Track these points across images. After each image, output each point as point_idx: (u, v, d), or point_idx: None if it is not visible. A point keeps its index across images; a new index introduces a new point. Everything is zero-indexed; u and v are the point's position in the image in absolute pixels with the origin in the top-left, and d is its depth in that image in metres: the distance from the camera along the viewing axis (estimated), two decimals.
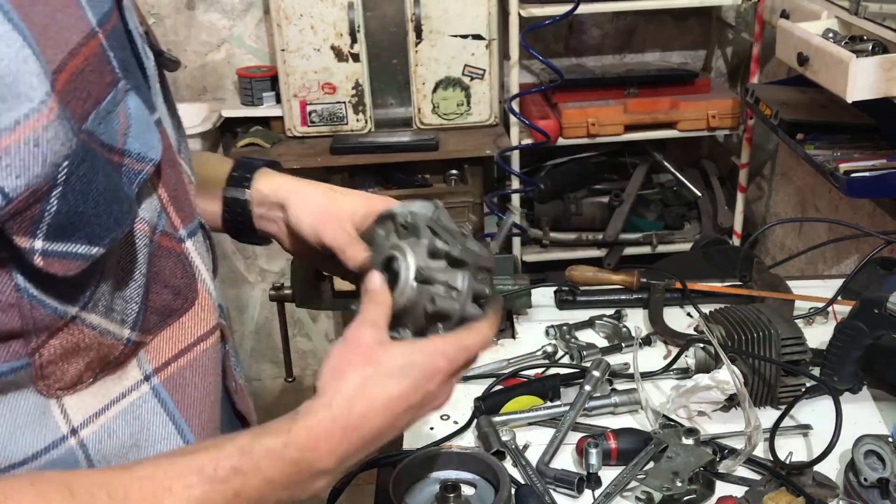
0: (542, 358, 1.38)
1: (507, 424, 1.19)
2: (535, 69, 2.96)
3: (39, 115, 0.51)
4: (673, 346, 1.39)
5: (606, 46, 3.01)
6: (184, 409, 0.69)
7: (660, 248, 2.78)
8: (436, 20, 2.57)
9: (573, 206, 2.78)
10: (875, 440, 1.03)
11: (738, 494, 1.06)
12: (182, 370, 0.69)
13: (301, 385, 3.27)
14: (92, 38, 0.58)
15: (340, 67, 2.61)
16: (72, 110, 0.54)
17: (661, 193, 2.93)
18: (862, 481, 1.03)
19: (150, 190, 0.64)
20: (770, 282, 1.49)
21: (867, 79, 1.64)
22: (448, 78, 2.65)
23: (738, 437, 1.15)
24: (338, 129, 2.69)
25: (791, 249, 2.60)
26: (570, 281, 1.52)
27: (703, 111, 2.65)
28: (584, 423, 1.21)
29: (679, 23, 2.99)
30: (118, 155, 0.59)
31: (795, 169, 2.56)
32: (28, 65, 0.51)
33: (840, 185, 1.80)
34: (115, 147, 0.58)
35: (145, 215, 0.64)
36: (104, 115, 0.57)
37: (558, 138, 2.64)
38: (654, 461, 1.10)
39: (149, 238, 0.64)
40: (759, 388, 1.22)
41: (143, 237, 0.63)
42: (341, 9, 2.54)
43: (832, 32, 1.84)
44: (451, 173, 2.77)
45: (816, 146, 1.97)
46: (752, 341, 1.22)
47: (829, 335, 1.26)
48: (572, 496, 1.08)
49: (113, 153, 0.58)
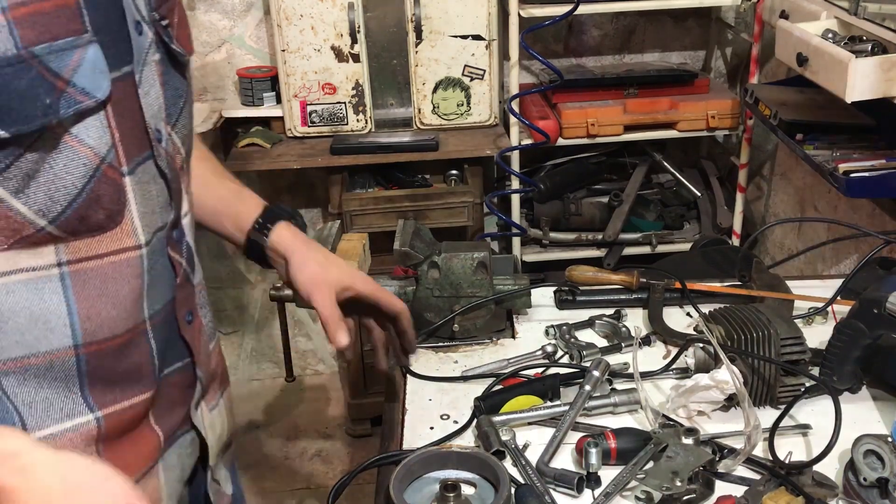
0: (542, 358, 1.38)
1: (506, 424, 1.20)
2: (534, 69, 2.96)
3: None
4: (672, 345, 1.39)
5: (606, 47, 3.01)
6: (80, 300, 0.81)
7: (659, 248, 2.78)
8: (436, 20, 2.58)
9: (573, 206, 2.79)
10: (874, 440, 1.04)
11: (738, 494, 1.07)
12: (92, 270, 0.81)
13: (301, 385, 3.28)
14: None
15: (340, 68, 2.61)
16: (22, 33, 0.71)
17: (661, 193, 2.93)
18: (861, 481, 1.03)
19: (102, 126, 0.78)
20: (769, 282, 1.49)
21: (866, 79, 1.64)
22: (448, 78, 2.65)
23: (738, 437, 1.15)
24: (338, 129, 2.69)
25: (790, 249, 2.60)
26: (570, 281, 1.52)
27: (702, 111, 2.66)
28: (584, 423, 1.21)
29: (678, 23, 3.00)
30: (63, 82, 0.74)
31: (795, 169, 2.56)
32: None
33: (839, 186, 1.80)
34: (62, 76, 0.74)
35: (90, 143, 0.77)
36: (57, 50, 0.73)
37: (558, 138, 2.64)
38: (654, 461, 1.10)
39: (93, 163, 0.78)
40: (758, 388, 1.22)
41: (81, 157, 0.77)
42: (341, 9, 2.54)
43: (831, 33, 1.85)
44: (451, 173, 2.77)
45: (816, 146, 1.97)
46: (751, 341, 1.22)
47: (828, 335, 1.27)
48: (572, 496, 1.08)
49: (58, 79, 0.73)
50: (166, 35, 0.89)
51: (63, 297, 0.80)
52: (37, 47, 0.72)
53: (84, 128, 0.77)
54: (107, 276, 0.82)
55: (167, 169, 0.88)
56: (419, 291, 1.41)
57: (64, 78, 0.74)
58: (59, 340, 0.81)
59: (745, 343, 1.22)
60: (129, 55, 0.82)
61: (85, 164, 0.77)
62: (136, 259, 0.84)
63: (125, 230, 0.83)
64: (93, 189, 0.78)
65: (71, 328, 0.81)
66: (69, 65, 0.74)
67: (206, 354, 0.99)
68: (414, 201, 2.64)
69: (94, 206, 0.79)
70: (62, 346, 0.81)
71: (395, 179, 2.77)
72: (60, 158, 0.76)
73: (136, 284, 0.85)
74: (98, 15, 0.77)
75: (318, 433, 3.01)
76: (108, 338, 0.84)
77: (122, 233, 0.82)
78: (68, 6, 0.74)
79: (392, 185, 2.77)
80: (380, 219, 2.62)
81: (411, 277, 1.43)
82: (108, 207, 0.80)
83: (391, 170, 2.75)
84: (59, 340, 0.81)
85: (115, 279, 0.83)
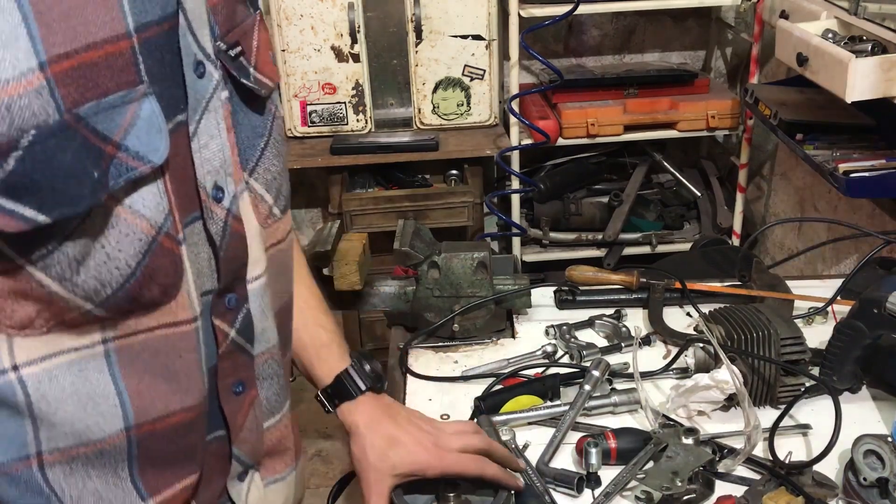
0: (542, 358, 1.38)
1: (507, 424, 1.19)
2: (534, 69, 2.96)
3: (17, 85, 0.57)
4: (672, 345, 1.39)
5: (606, 47, 3.01)
6: (128, 377, 0.71)
7: (659, 247, 2.78)
8: (436, 20, 2.58)
9: (573, 206, 2.79)
10: (874, 440, 1.03)
11: (738, 494, 1.06)
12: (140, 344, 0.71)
13: (301, 385, 3.27)
14: (122, 40, 0.62)
15: (340, 68, 2.61)
16: (65, 92, 0.59)
17: (661, 193, 2.94)
18: (861, 481, 1.03)
19: (160, 193, 0.67)
20: (769, 282, 1.49)
21: (866, 79, 1.64)
22: (448, 78, 2.65)
23: (738, 437, 1.15)
24: (338, 129, 2.70)
25: (790, 249, 2.60)
26: (570, 281, 1.52)
27: (702, 111, 2.66)
28: (584, 423, 1.21)
29: (678, 23, 3.00)
30: (112, 147, 0.63)
31: (795, 169, 2.56)
32: (19, 40, 0.57)
33: (839, 186, 1.80)
34: (111, 139, 0.62)
35: (146, 213, 0.66)
36: (106, 108, 0.62)
37: (558, 138, 2.64)
38: (654, 461, 1.10)
39: (149, 236, 0.67)
40: (758, 388, 1.22)
41: (137, 231, 0.66)
42: (341, 9, 2.54)
43: (831, 33, 1.85)
44: (451, 173, 2.77)
45: (816, 146, 1.97)
46: (751, 341, 1.22)
47: (828, 335, 1.26)
48: (572, 496, 1.08)
49: (106, 143, 0.62)
50: (237, 68, 0.75)
51: (109, 376, 0.70)
52: (82, 108, 0.60)
53: (139, 197, 0.66)
54: (157, 351, 0.72)
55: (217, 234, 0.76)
56: (419, 291, 1.41)
57: (113, 141, 0.63)
58: (110, 424, 0.72)
59: (745, 343, 1.22)
60: (183, 102, 0.70)
61: (140, 239, 0.66)
62: (190, 333, 0.74)
63: (180, 303, 0.72)
64: (148, 265, 0.68)
65: (122, 408, 0.72)
66: (120, 125, 0.63)
67: (253, 431, 0.87)
68: (414, 201, 2.64)
69: (148, 283, 0.69)
70: (113, 430, 0.72)
71: (395, 179, 2.77)
72: (112, 236, 0.65)
73: (191, 359, 0.75)
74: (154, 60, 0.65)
75: (318, 433, 3.01)
76: (162, 416, 0.74)
77: (177, 306, 0.72)
78: (122, 53, 0.62)
79: (392, 185, 2.77)
80: (380, 219, 2.62)
81: (411, 277, 1.43)
82: (163, 282, 0.70)
83: (391, 170, 2.75)
84: (109, 425, 0.72)
85: (167, 353, 0.73)
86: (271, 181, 0.82)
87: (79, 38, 0.60)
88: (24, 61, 0.57)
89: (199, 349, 0.76)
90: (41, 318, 0.66)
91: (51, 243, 0.62)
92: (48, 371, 0.68)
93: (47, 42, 0.58)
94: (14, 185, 0.58)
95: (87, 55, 0.60)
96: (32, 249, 0.62)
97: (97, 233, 0.64)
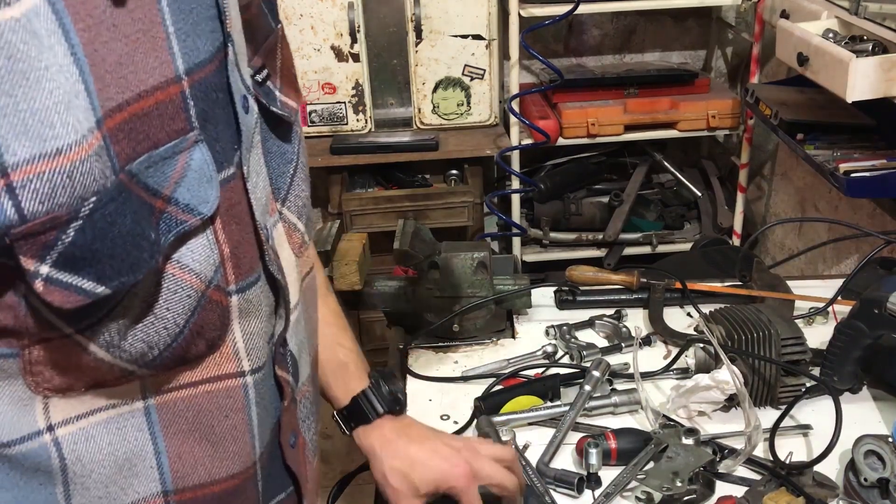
0: (542, 358, 1.38)
1: (507, 424, 1.19)
2: (535, 69, 2.96)
3: (79, 149, 0.52)
4: (673, 346, 1.39)
5: (606, 46, 3.01)
6: (169, 437, 0.67)
7: (660, 248, 2.78)
8: (436, 20, 2.58)
9: (573, 206, 2.78)
10: (875, 440, 1.03)
11: (738, 494, 1.06)
12: (182, 401, 0.67)
13: None
14: (172, 84, 0.58)
15: (340, 67, 2.61)
16: (119, 149, 0.54)
17: (661, 193, 2.93)
18: (862, 481, 1.03)
19: (210, 244, 0.63)
20: (770, 282, 1.49)
21: (867, 79, 1.64)
22: (448, 78, 2.65)
23: (738, 437, 1.15)
24: (338, 129, 2.69)
25: (791, 249, 2.60)
26: (570, 281, 1.52)
27: (702, 111, 2.66)
28: (584, 423, 1.21)
29: (679, 23, 2.99)
30: (162, 201, 0.58)
31: (795, 169, 2.56)
32: (79, 99, 0.52)
33: (840, 186, 1.80)
34: (161, 193, 0.58)
35: (196, 267, 0.62)
36: (157, 161, 0.57)
37: (558, 138, 2.64)
38: (654, 461, 1.10)
39: (198, 291, 0.63)
40: (759, 388, 1.22)
41: (187, 288, 0.62)
42: (341, 9, 2.54)
43: (832, 32, 1.84)
44: (451, 173, 2.77)
45: (816, 146, 1.97)
46: (752, 341, 1.22)
47: (829, 335, 1.26)
48: (572, 496, 1.08)
49: (156, 198, 0.58)
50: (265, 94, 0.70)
51: (149, 434, 0.65)
52: (134, 164, 0.55)
53: (188, 251, 0.61)
54: (200, 409, 0.67)
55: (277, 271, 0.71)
56: (419, 291, 1.40)
57: (164, 195, 0.58)
58: (146, 488, 0.67)
59: (746, 343, 1.22)
60: (236, 143, 0.65)
61: (189, 296, 0.62)
62: (236, 389, 0.69)
63: (224, 354, 0.67)
64: (196, 321, 0.63)
65: (159, 470, 0.67)
66: (171, 177, 0.58)
67: (312, 480, 0.84)
68: (414, 201, 2.64)
69: (195, 339, 0.64)
70: (149, 493, 0.67)
71: (395, 179, 2.77)
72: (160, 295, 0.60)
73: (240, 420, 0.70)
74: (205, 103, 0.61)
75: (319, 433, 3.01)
76: (205, 483, 0.69)
77: (221, 357, 0.67)
78: (171, 100, 0.58)
79: (392, 185, 2.77)
80: (380, 219, 2.62)
81: (411, 277, 1.42)
82: (210, 336, 0.65)
83: (391, 170, 2.75)
84: (145, 488, 0.67)
85: (212, 412, 0.68)
86: (301, 208, 0.78)
87: (130, 87, 0.55)
88: (84, 122, 0.52)
89: (248, 409, 0.71)
90: (81, 382, 0.61)
91: (101, 311, 0.58)
92: (84, 430, 0.63)
93: (102, 96, 0.53)
94: (72, 256, 0.54)
95: (139, 105, 0.55)
96: (82, 319, 0.58)
97: (145, 294, 0.60)
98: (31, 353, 0.59)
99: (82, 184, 0.52)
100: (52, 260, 0.53)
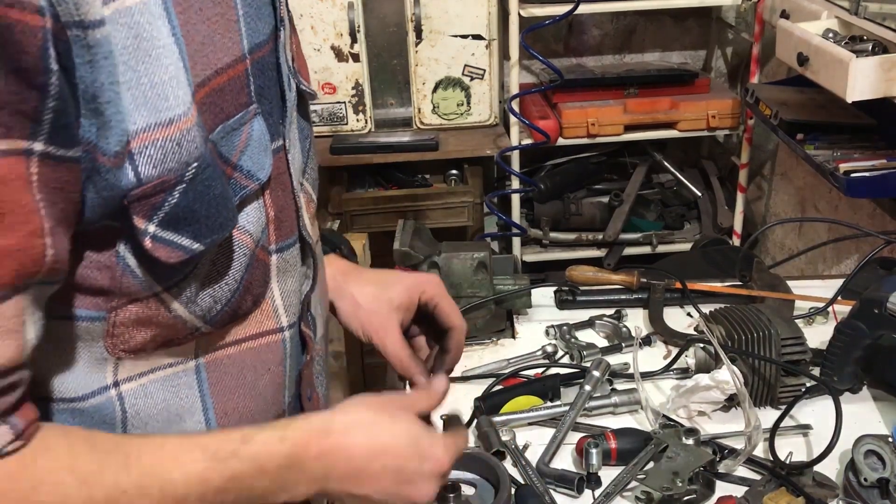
0: (542, 358, 1.38)
1: (507, 424, 1.19)
2: (535, 69, 2.96)
3: (186, 119, 0.59)
4: (673, 346, 1.39)
5: (606, 46, 3.01)
6: (216, 394, 0.72)
7: (660, 248, 2.78)
8: (436, 20, 2.57)
9: (573, 206, 2.78)
10: (875, 440, 1.03)
11: (738, 494, 1.06)
12: (228, 358, 0.73)
13: None
14: (240, 62, 0.65)
15: (340, 67, 2.61)
16: (204, 120, 0.61)
17: (661, 193, 2.93)
18: (862, 481, 1.03)
19: (260, 207, 0.69)
20: (770, 282, 1.49)
21: (867, 79, 1.64)
22: (448, 78, 2.65)
23: (738, 437, 1.15)
24: (338, 129, 2.69)
25: (791, 249, 2.60)
26: (570, 281, 1.52)
27: (702, 111, 2.66)
28: (584, 423, 1.21)
29: (679, 23, 2.99)
30: (230, 168, 0.65)
31: (795, 169, 2.56)
32: (181, 75, 0.58)
33: (840, 185, 1.80)
34: (230, 160, 0.65)
35: (250, 228, 0.68)
36: (229, 131, 0.64)
37: (558, 138, 2.64)
38: (654, 461, 1.10)
39: (250, 250, 0.69)
40: (759, 388, 1.22)
41: (243, 247, 0.68)
42: (341, 9, 2.54)
43: (832, 32, 1.84)
44: (451, 173, 2.77)
45: (816, 146, 1.97)
46: (752, 341, 1.22)
47: (829, 335, 1.26)
48: (572, 496, 1.08)
49: (227, 165, 0.65)
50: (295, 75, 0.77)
51: (198, 392, 0.71)
52: (213, 134, 0.63)
53: (245, 214, 0.68)
54: (244, 365, 0.73)
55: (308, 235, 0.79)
56: None
57: (232, 162, 0.65)
58: None
59: (746, 343, 1.22)
60: (281, 118, 0.73)
61: (245, 255, 0.69)
62: (276, 344, 0.76)
63: (265, 311, 0.74)
64: (247, 278, 0.70)
65: (206, 425, 0.72)
66: (237, 146, 0.65)
67: None
68: (414, 201, 2.64)
69: (245, 295, 0.71)
70: None
71: (395, 179, 2.77)
72: (226, 255, 0.67)
73: (278, 372, 0.76)
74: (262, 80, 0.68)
75: None
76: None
77: (262, 314, 0.74)
78: (239, 76, 0.65)
79: (392, 185, 2.77)
80: (380, 219, 2.62)
81: None
82: (256, 293, 0.72)
83: (391, 170, 2.74)
84: None
85: (254, 368, 0.74)
86: (314, 181, 0.85)
87: (210, 64, 0.62)
88: (185, 96, 0.59)
89: (285, 362, 0.77)
90: (153, 342, 0.67)
91: (188, 268, 0.64)
92: (144, 387, 0.69)
93: (193, 73, 0.60)
94: (175, 217, 0.60)
95: (217, 81, 0.63)
96: (172, 277, 0.64)
97: (215, 253, 0.66)
98: (116, 316, 0.64)
99: (188, 150, 0.59)
100: (158, 219, 0.60)
